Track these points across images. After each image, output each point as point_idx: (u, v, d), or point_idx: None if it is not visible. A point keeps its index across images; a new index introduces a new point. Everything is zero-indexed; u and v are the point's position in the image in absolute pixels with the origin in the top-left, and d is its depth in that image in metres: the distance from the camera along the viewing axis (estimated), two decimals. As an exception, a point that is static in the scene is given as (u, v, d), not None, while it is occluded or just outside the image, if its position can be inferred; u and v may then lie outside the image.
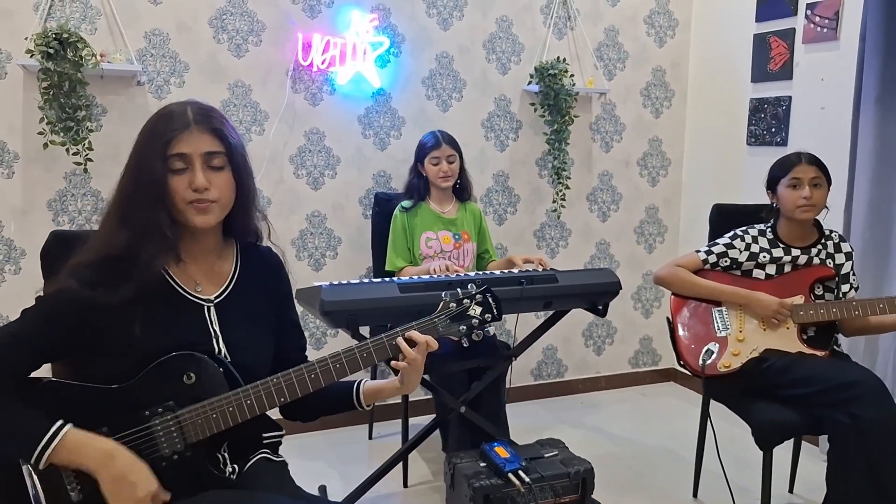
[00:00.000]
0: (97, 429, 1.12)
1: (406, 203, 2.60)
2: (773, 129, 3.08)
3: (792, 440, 2.40)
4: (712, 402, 2.24)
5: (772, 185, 2.18)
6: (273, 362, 1.31)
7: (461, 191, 2.66)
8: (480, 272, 2.47)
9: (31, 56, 2.30)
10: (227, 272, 1.30)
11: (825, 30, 2.83)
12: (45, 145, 2.38)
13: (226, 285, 1.28)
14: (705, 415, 2.31)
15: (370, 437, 2.93)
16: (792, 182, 2.09)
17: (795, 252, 2.14)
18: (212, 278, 1.27)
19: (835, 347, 2.18)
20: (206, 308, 1.25)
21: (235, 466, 1.28)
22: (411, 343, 1.25)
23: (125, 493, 1.09)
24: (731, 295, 2.12)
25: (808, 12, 2.89)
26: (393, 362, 1.26)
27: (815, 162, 2.11)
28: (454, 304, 1.30)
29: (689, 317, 2.18)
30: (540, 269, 2.27)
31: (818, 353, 2.04)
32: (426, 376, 2.36)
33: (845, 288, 2.15)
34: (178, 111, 1.19)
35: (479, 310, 1.30)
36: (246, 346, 1.27)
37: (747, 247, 2.17)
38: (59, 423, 1.09)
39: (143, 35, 2.59)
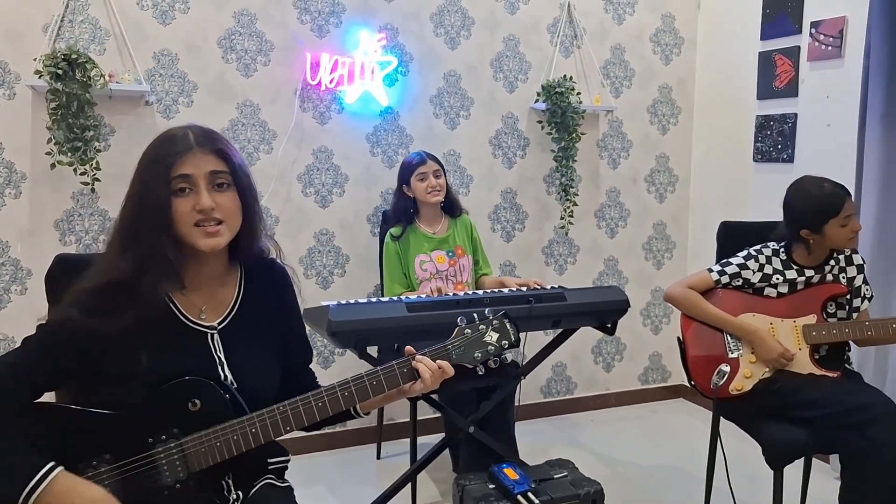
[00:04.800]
0: (100, 455, 1.11)
1: (395, 231, 2.58)
2: (780, 146, 3.07)
3: (803, 459, 2.37)
4: (722, 419, 2.22)
5: (814, 225, 2.03)
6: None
7: (450, 208, 2.65)
8: (489, 290, 2.46)
9: (40, 77, 2.32)
10: (230, 297, 1.27)
11: (830, 47, 2.84)
12: (53, 165, 2.39)
13: (229, 311, 1.26)
14: (715, 433, 2.28)
15: (378, 457, 2.90)
16: (845, 221, 2.01)
17: (809, 273, 2.10)
18: (216, 304, 1.25)
19: (846, 366, 2.15)
20: (209, 335, 1.23)
21: (240, 493, 1.25)
22: (418, 373, 1.23)
23: None
24: (737, 329, 2.08)
25: (813, 30, 2.90)
26: (405, 387, 1.24)
27: (849, 191, 2.05)
28: (469, 330, 1.26)
29: (701, 336, 2.15)
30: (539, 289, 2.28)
31: (830, 374, 2.01)
32: (434, 396, 2.35)
33: (857, 301, 2.12)
34: (179, 134, 1.18)
35: (495, 336, 1.25)
36: (252, 371, 1.25)
37: (761, 268, 2.13)
38: (50, 465, 1.04)
39: (152, 55, 2.61)
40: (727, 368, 2.07)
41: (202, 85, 2.69)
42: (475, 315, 1.27)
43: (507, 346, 1.26)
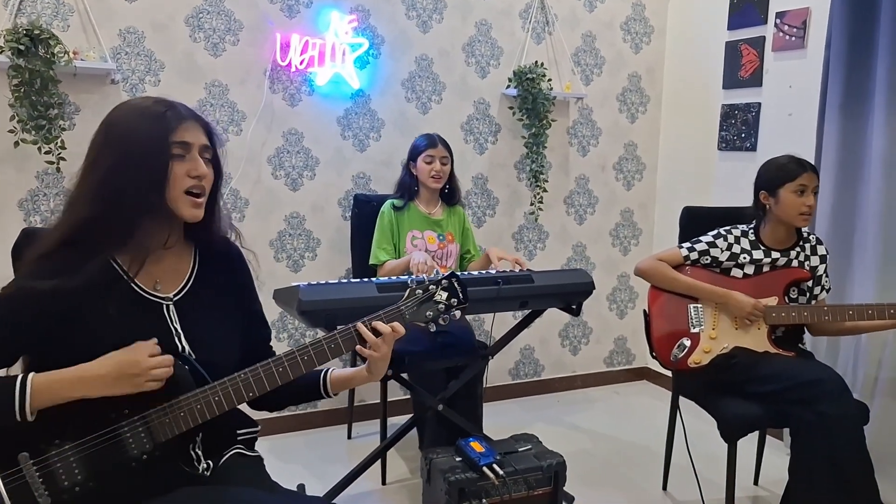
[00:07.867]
0: (64, 432, 1.12)
1: (398, 202, 2.62)
2: (743, 135, 3.15)
3: (757, 435, 2.48)
4: (682, 399, 2.30)
5: (770, 187, 2.14)
6: (239, 355, 1.31)
7: (450, 195, 2.70)
8: (459, 272, 2.50)
9: (1, 52, 2.27)
10: (185, 271, 1.29)
11: (793, 38, 2.91)
12: (16, 144, 2.35)
13: (184, 283, 1.27)
14: (675, 411, 2.37)
15: (349, 437, 2.93)
16: (799, 188, 2.08)
17: (775, 255, 2.18)
18: (171, 277, 1.26)
19: (800, 346, 2.24)
20: (164, 306, 1.24)
21: (209, 462, 1.28)
22: (376, 333, 1.26)
23: (125, 383, 1.11)
24: (708, 293, 2.16)
25: (778, 21, 2.97)
26: (359, 348, 1.27)
27: (816, 171, 2.14)
28: (420, 291, 1.32)
29: (665, 309, 2.21)
30: (517, 270, 2.31)
31: (785, 353, 2.10)
32: (404, 375, 2.38)
33: (817, 290, 2.21)
34: (169, 104, 1.20)
35: (445, 295, 1.32)
36: (210, 342, 1.26)
37: (729, 247, 2.21)
38: (21, 375, 1.10)
39: (118, 33, 2.56)
40: (688, 342, 2.15)
41: (169, 64, 2.65)
42: (425, 276, 1.35)
43: (456, 304, 1.32)
